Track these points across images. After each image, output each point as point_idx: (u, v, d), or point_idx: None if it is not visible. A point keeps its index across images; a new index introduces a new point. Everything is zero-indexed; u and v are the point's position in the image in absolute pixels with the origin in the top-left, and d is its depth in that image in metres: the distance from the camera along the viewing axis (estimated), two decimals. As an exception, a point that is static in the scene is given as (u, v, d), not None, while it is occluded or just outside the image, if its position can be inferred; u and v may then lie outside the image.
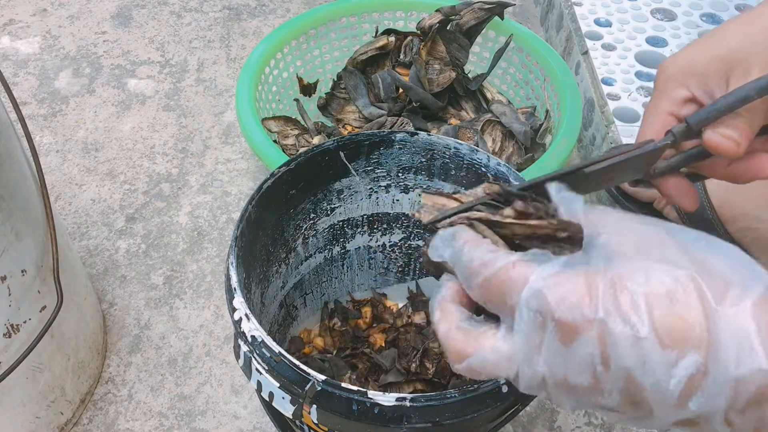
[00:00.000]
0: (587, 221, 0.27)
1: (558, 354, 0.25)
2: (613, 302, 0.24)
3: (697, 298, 0.23)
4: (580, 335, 0.24)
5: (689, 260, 0.25)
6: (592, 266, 0.25)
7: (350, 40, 0.99)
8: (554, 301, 0.25)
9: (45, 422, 0.67)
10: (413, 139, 0.60)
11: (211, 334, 0.79)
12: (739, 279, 0.24)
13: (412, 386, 0.67)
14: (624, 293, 0.24)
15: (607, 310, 0.24)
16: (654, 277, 0.24)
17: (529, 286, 0.25)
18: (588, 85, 0.96)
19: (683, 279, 0.24)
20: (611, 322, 0.24)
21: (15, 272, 0.56)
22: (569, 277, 0.25)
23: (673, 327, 0.23)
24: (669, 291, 0.23)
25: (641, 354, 0.23)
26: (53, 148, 1.00)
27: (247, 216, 0.53)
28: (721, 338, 0.23)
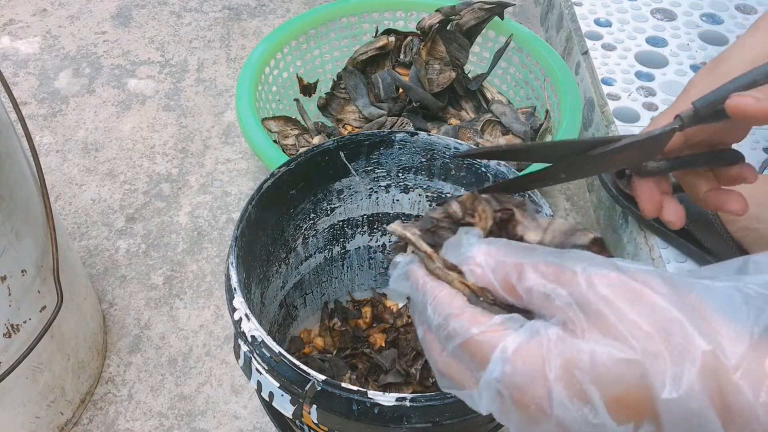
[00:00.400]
0: (506, 286, 0.28)
1: (523, 428, 0.27)
2: (567, 394, 0.25)
3: (644, 383, 0.24)
4: (540, 423, 0.26)
5: (629, 333, 0.25)
6: (547, 345, 0.26)
7: (350, 40, 0.99)
8: (513, 392, 0.26)
9: (45, 422, 0.67)
10: (413, 139, 0.60)
11: (211, 334, 0.79)
12: (676, 347, 0.24)
13: (412, 387, 0.67)
14: (575, 383, 0.25)
15: (562, 405, 0.25)
16: (600, 363, 0.25)
17: (488, 368, 0.27)
18: (588, 85, 0.96)
19: (627, 364, 0.25)
20: (566, 416, 0.25)
21: (15, 272, 0.56)
22: (527, 360, 0.26)
23: (626, 404, 0.25)
24: (616, 377, 0.25)
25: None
26: (53, 148, 1.00)
27: (247, 216, 0.53)
28: (671, 419, 0.24)
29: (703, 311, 0.25)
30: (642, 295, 0.26)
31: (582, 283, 0.26)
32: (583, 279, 0.26)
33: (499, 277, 0.29)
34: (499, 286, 0.29)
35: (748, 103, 0.34)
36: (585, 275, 0.26)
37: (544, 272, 0.28)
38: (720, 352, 0.24)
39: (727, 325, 0.24)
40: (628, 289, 0.26)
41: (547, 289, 0.27)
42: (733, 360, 0.24)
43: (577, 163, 0.34)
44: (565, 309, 0.26)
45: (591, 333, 0.26)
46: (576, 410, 0.25)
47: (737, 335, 0.24)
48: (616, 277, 0.26)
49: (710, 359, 0.24)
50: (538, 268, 0.28)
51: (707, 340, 0.24)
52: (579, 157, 0.34)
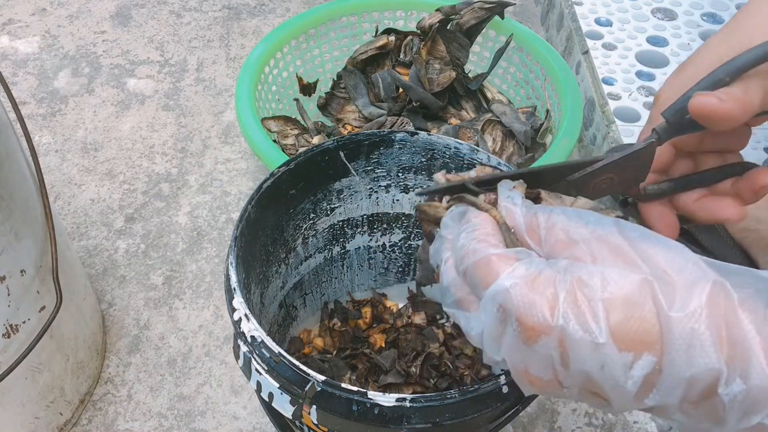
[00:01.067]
0: (532, 227, 0.29)
1: (518, 350, 0.27)
2: (572, 309, 0.25)
3: (652, 302, 0.25)
4: (540, 338, 0.26)
5: (642, 261, 0.26)
6: (558, 271, 0.26)
7: (350, 39, 0.99)
8: (518, 302, 0.26)
9: (44, 422, 0.67)
10: (413, 139, 0.60)
11: (210, 335, 0.79)
12: (687, 279, 0.25)
13: (412, 388, 0.67)
14: (583, 299, 0.25)
15: (567, 317, 0.25)
16: (611, 282, 0.25)
17: (497, 282, 0.27)
18: (588, 85, 0.96)
19: (638, 283, 0.25)
20: (571, 329, 0.25)
21: (14, 272, 0.56)
22: (536, 279, 0.26)
23: (629, 330, 0.25)
24: (625, 296, 0.25)
25: (600, 358, 0.25)
26: (52, 148, 1.00)
27: (246, 216, 0.52)
28: (673, 341, 0.24)
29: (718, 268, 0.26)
30: (661, 240, 0.26)
31: (606, 224, 0.27)
32: (609, 222, 0.27)
33: (526, 219, 0.29)
34: (525, 225, 0.29)
35: (710, 103, 0.32)
36: (609, 221, 0.27)
37: (568, 216, 0.28)
38: (730, 285, 0.25)
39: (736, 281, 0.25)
40: (649, 235, 0.27)
41: (569, 226, 0.28)
42: (740, 294, 0.24)
43: (558, 189, 0.34)
44: (581, 244, 0.27)
45: (606, 258, 0.26)
46: (581, 325, 0.25)
47: (744, 284, 0.25)
48: (638, 227, 0.27)
49: (719, 289, 0.24)
50: (562, 214, 0.29)
51: (719, 273, 0.25)
52: (559, 184, 0.33)
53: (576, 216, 0.28)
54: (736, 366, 0.24)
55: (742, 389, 0.24)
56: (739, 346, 0.24)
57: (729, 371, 0.24)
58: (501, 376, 0.43)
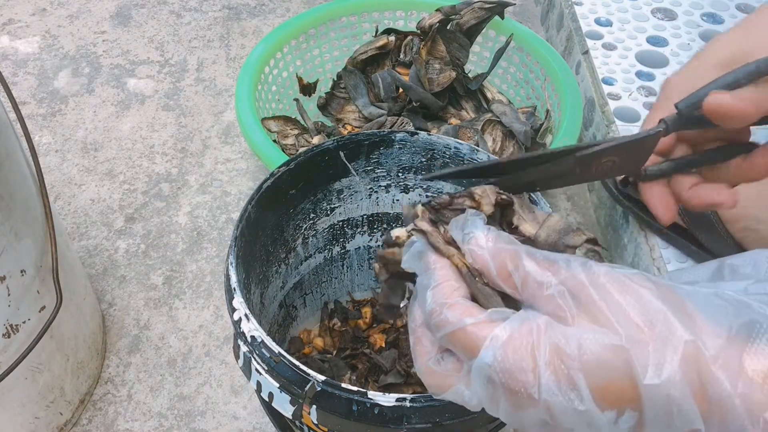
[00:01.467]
0: (502, 271, 0.29)
1: (513, 416, 0.28)
2: (554, 381, 0.26)
3: (628, 367, 0.25)
4: (528, 408, 0.27)
5: (614, 318, 0.26)
6: (535, 334, 0.27)
7: (350, 39, 0.99)
8: (502, 378, 0.27)
9: (44, 422, 0.67)
10: (413, 139, 0.60)
11: (210, 335, 0.79)
12: (659, 336, 0.25)
13: (412, 389, 0.67)
14: (562, 369, 0.26)
15: (550, 391, 0.26)
16: (587, 350, 0.26)
17: (479, 357, 0.28)
18: (588, 85, 0.96)
19: (612, 349, 0.26)
20: (554, 401, 0.26)
21: (14, 272, 0.56)
22: (518, 347, 0.27)
23: (609, 392, 0.26)
24: (602, 361, 0.26)
25: (585, 419, 0.26)
26: (52, 148, 1.00)
27: (246, 216, 0.52)
28: (652, 406, 0.25)
29: (685, 308, 0.26)
30: (630, 287, 0.27)
31: (575, 272, 0.28)
32: (576, 267, 0.28)
33: (496, 263, 0.30)
34: (495, 271, 0.30)
35: (726, 102, 0.32)
36: (579, 265, 0.28)
37: (540, 262, 0.29)
38: (701, 343, 0.25)
39: (706, 322, 0.25)
40: (618, 280, 0.27)
41: (542, 277, 0.28)
42: (713, 351, 0.25)
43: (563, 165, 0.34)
44: (556, 297, 0.27)
45: (580, 319, 0.27)
46: (563, 396, 0.26)
47: (716, 331, 0.25)
48: (606, 271, 0.27)
49: (691, 349, 0.25)
50: (534, 258, 0.29)
51: (689, 331, 0.25)
52: (566, 160, 0.33)
53: (546, 261, 0.29)
54: (714, 421, 0.25)
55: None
56: (715, 403, 0.24)
57: (707, 426, 0.25)
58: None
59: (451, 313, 0.29)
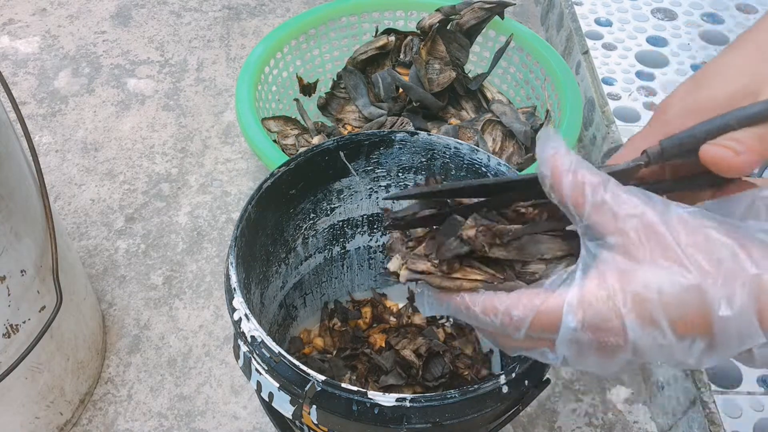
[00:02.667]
0: (594, 207, 0.30)
1: (599, 363, 0.31)
2: (639, 323, 0.29)
3: (702, 303, 0.28)
4: (617, 353, 0.30)
5: (687, 260, 0.29)
6: (608, 282, 0.29)
7: (350, 39, 0.99)
8: (589, 338, 0.30)
9: (44, 422, 0.67)
10: (413, 139, 0.60)
11: (210, 335, 0.79)
12: (727, 274, 0.28)
13: (412, 389, 0.67)
14: (645, 311, 0.29)
15: (636, 333, 0.29)
16: (665, 291, 0.29)
17: (563, 328, 0.30)
18: (588, 85, 0.96)
19: (688, 288, 0.28)
20: (640, 341, 0.29)
21: (14, 272, 0.56)
22: (595, 301, 0.29)
23: (686, 323, 0.29)
24: (679, 300, 0.28)
25: (666, 351, 0.30)
26: (52, 148, 1.00)
27: (246, 216, 0.52)
28: (726, 335, 0.28)
29: (745, 243, 0.29)
30: (697, 227, 0.29)
31: (649, 209, 0.30)
32: (652, 205, 0.30)
33: (572, 184, 0.31)
34: (569, 191, 0.30)
35: (725, 156, 0.32)
36: (653, 203, 0.30)
37: (618, 195, 0.30)
38: (766, 275, 0.28)
39: (765, 255, 0.28)
40: (685, 221, 0.29)
41: (619, 208, 0.30)
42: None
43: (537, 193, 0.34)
44: (630, 232, 0.29)
45: (654, 255, 0.29)
46: (648, 335, 0.29)
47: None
48: (675, 210, 0.30)
49: (757, 282, 0.28)
50: (613, 190, 0.30)
51: (754, 265, 0.28)
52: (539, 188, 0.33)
53: (626, 194, 0.30)
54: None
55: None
56: None
57: None
58: (501, 376, 0.43)
59: (519, 311, 0.31)
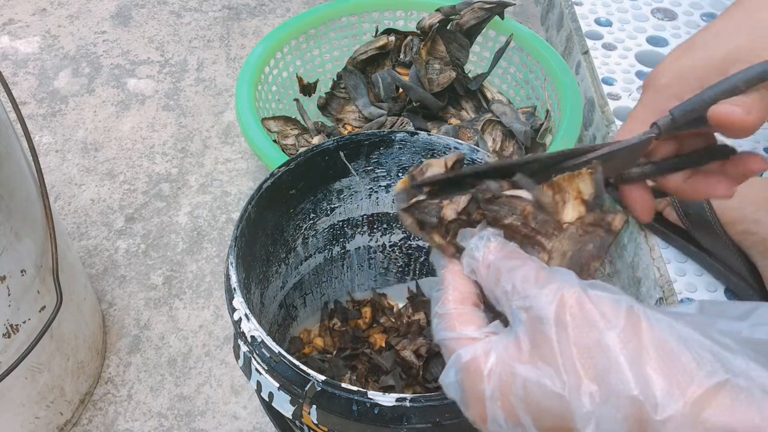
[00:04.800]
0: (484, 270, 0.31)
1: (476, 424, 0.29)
2: (502, 415, 0.27)
3: (568, 420, 0.25)
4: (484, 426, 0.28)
5: (568, 365, 0.26)
6: (489, 363, 0.28)
7: (350, 39, 0.99)
8: (462, 400, 0.29)
9: (44, 422, 0.67)
10: (413, 139, 0.60)
11: (210, 335, 0.79)
12: (609, 385, 0.24)
13: (412, 389, 0.67)
14: (509, 407, 0.27)
15: (497, 424, 0.27)
16: (532, 391, 0.26)
17: (444, 372, 0.30)
18: (588, 85, 0.96)
19: (557, 397, 0.25)
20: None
21: (14, 272, 0.56)
22: (470, 374, 0.28)
23: (551, 429, 0.26)
24: (544, 407, 0.26)
25: None
26: (52, 148, 1.00)
27: (246, 216, 0.52)
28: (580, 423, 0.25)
29: (650, 359, 0.24)
30: (595, 328, 0.25)
31: (544, 300, 0.27)
32: (548, 294, 0.27)
33: (488, 274, 0.30)
34: (486, 285, 0.30)
35: (735, 114, 0.31)
36: (552, 290, 0.27)
37: (525, 281, 0.28)
38: (650, 401, 0.23)
39: (674, 373, 0.24)
40: (587, 318, 0.26)
41: (514, 300, 0.28)
42: (665, 413, 0.23)
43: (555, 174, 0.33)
44: (517, 325, 0.28)
45: (532, 356, 0.26)
46: (509, 430, 0.27)
47: (680, 385, 0.23)
48: (577, 303, 0.26)
49: (638, 407, 0.23)
50: (522, 274, 0.29)
51: (640, 388, 0.23)
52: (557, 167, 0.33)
53: (537, 278, 0.28)
54: None
55: None
56: None
57: None
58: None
59: (443, 322, 0.30)
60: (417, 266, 0.74)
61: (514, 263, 0.29)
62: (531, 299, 0.27)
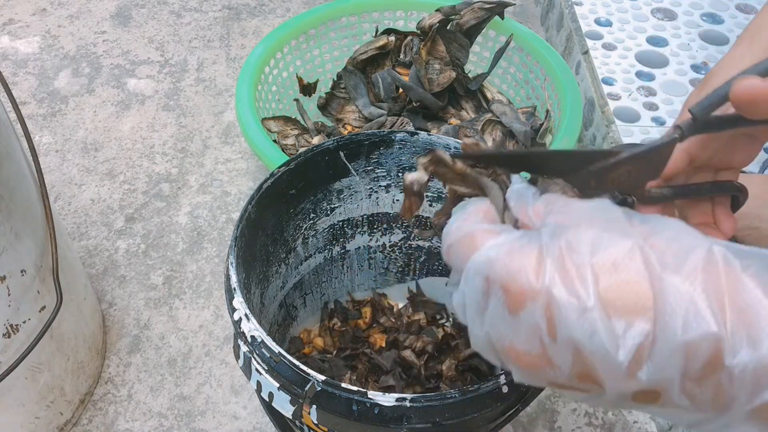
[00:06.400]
0: (536, 210, 0.27)
1: (504, 320, 0.25)
2: (560, 273, 0.23)
3: (643, 266, 0.23)
4: (526, 304, 0.24)
5: (635, 230, 0.24)
6: (543, 238, 0.25)
7: (350, 39, 0.99)
8: (502, 268, 0.24)
9: (44, 422, 0.67)
10: (413, 139, 0.60)
11: (210, 335, 0.79)
12: (682, 245, 0.23)
13: (412, 389, 0.67)
14: (571, 264, 0.23)
15: (554, 280, 0.23)
16: (600, 246, 0.23)
17: (479, 252, 0.25)
18: (588, 85, 0.96)
19: (629, 247, 0.23)
20: (557, 292, 0.23)
21: (14, 272, 0.56)
22: (521, 246, 0.25)
23: (620, 296, 0.23)
24: (615, 260, 0.23)
25: (588, 325, 0.23)
26: (53, 148, 1.00)
27: (246, 216, 0.52)
28: (667, 305, 0.22)
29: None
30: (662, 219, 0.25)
31: (607, 204, 0.26)
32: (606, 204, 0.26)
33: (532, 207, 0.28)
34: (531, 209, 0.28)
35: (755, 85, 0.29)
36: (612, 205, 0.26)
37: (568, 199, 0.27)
38: (729, 251, 0.23)
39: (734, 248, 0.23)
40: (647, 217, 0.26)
41: (569, 202, 0.27)
42: (743, 261, 0.22)
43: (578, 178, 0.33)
44: (576, 212, 0.26)
45: (594, 226, 0.25)
46: (568, 289, 0.23)
47: (744, 254, 0.23)
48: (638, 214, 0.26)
49: (718, 254, 0.22)
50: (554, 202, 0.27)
51: (716, 242, 0.23)
52: (579, 174, 0.33)
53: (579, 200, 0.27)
54: (742, 334, 0.21)
55: (753, 358, 0.21)
56: (744, 312, 0.21)
57: (734, 339, 0.21)
58: (501, 376, 0.43)
59: (464, 224, 0.27)
60: (417, 266, 0.74)
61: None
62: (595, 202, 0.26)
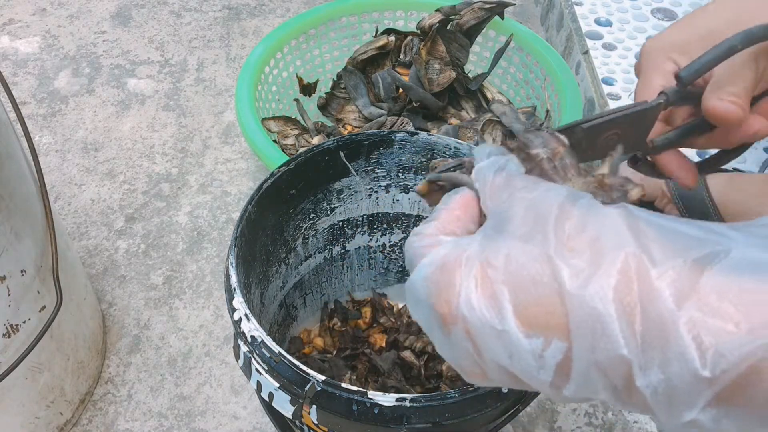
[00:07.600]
0: (492, 191, 0.26)
1: (442, 341, 0.24)
2: (475, 293, 0.23)
3: (554, 280, 0.21)
4: (451, 329, 0.23)
5: (561, 230, 0.22)
6: (472, 247, 0.24)
7: (350, 39, 0.99)
8: (432, 288, 0.24)
9: (44, 422, 0.67)
10: (413, 139, 0.60)
11: (210, 335, 0.79)
12: (601, 247, 0.21)
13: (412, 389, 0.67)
14: (488, 281, 0.22)
15: (469, 303, 0.23)
16: (516, 258, 0.22)
17: (417, 269, 0.25)
18: (588, 85, 0.96)
19: (545, 259, 0.22)
20: (472, 317, 0.23)
21: (14, 272, 0.56)
22: (455, 258, 0.24)
23: (536, 314, 0.22)
24: (530, 274, 0.22)
25: (506, 346, 0.22)
26: (53, 148, 1.00)
27: (246, 216, 0.52)
28: (579, 322, 0.21)
29: (645, 235, 0.21)
30: (603, 210, 0.23)
31: (554, 191, 0.24)
32: (554, 191, 0.24)
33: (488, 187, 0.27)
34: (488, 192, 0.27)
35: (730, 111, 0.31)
36: (562, 190, 0.24)
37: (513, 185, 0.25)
38: (647, 256, 0.20)
39: (663, 242, 0.21)
40: (592, 204, 0.23)
41: (515, 188, 0.25)
42: (660, 268, 0.20)
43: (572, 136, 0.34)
44: (512, 208, 0.24)
45: (517, 231, 0.23)
46: (481, 311, 0.22)
47: (672, 253, 0.21)
48: (587, 200, 0.23)
49: (633, 261, 0.21)
50: (511, 184, 0.26)
51: (637, 244, 0.21)
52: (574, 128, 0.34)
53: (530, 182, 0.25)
54: (653, 352, 0.20)
55: (660, 379, 0.20)
56: (657, 325, 0.20)
57: (645, 357, 0.20)
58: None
59: (418, 240, 0.26)
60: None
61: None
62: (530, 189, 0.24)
